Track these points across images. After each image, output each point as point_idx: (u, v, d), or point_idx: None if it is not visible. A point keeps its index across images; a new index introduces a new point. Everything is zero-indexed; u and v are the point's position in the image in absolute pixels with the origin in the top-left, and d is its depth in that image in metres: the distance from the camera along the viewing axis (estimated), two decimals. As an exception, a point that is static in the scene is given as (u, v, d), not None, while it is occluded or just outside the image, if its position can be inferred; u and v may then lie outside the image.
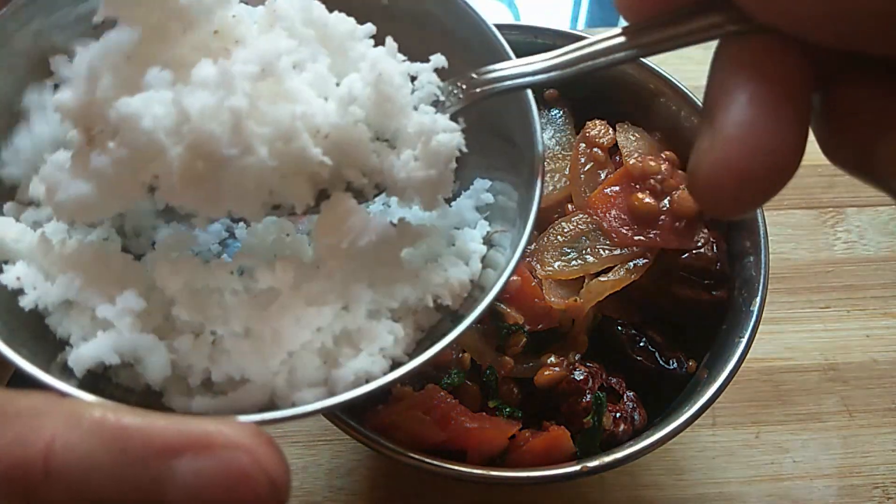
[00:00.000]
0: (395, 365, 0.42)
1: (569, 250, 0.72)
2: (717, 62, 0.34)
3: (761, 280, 0.69)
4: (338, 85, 0.41)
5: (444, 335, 0.41)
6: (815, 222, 0.98)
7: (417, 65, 0.43)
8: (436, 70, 0.43)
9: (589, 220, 0.73)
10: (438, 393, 0.67)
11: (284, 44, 0.40)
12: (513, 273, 0.42)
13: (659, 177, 0.72)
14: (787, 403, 0.86)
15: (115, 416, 0.32)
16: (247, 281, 0.42)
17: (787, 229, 0.97)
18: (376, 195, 0.44)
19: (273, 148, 0.38)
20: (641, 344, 0.71)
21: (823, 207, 0.99)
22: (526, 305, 0.70)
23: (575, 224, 0.73)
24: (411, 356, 0.42)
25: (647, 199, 0.71)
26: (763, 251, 0.70)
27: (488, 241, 0.48)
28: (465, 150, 0.42)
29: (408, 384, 0.68)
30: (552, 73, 0.40)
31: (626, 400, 0.70)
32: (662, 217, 0.71)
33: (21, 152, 0.45)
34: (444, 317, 0.45)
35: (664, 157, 0.75)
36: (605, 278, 0.70)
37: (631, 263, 0.71)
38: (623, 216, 0.72)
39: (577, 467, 0.62)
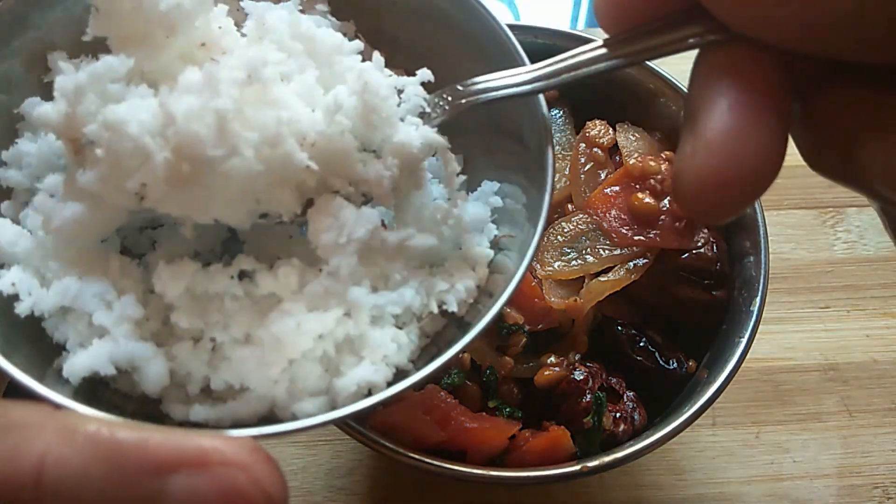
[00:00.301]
0: (399, 373, 0.41)
1: (569, 250, 0.72)
2: (697, 71, 0.35)
3: (761, 280, 0.69)
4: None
5: (450, 342, 0.40)
6: (815, 222, 0.98)
7: (404, 78, 0.43)
8: (422, 83, 0.44)
9: (589, 220, 0.73)
10: (438, 393, 0.67)
11: (272, 54, 0.40)
12: (522, 279, 0.41)
13: (659, 177, 0.72)
14: (787, 403, 0.86)
15: (110, 430, 0.31)
16: (248, 286, 0.42)
17: (787, 229, 0.97)
18: (363, 204, 0.44)
19: (259, 152, 0.38)
20: (641, 344, 0.71)
21: (823, 207, 0.99)
22: (526, 305, 0.70)
23: (575, 224, 0.73)
24: (415, 363, 0.42)
25: (647, 199, 0.71)
26: (763, 251, 0.70)
27: (496, 245, 0.47)
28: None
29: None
30: (536, 84, 0.41)
31: (626, 400, 0.70)
32: (662, 217, 0.71)
33: (25, 157, 0.44)
34: (449, 322, 0.45)
35: (664, 157, 0.75)
36: (605, 278, 0.70)
37: (631, 263, 0.71)
38: (623, 216, 0.72)
39: (577, 467, 0.62)
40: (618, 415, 0.68)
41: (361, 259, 0.41)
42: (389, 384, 0.40)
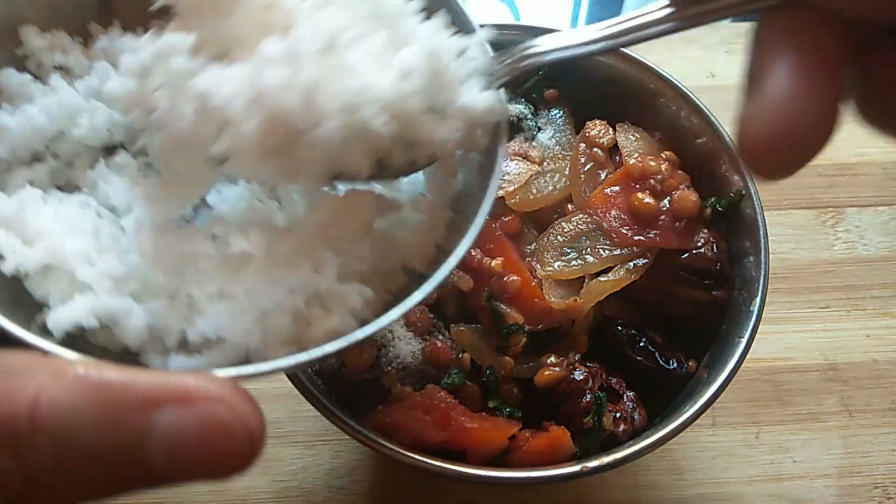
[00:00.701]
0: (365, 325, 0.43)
1: (569, 250, 0.72)
2: (759, 33, 0.36)
3: (761, 280, 0.69)
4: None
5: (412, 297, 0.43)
6: (815, 222, 0.98)
7: (466, 39, 0.45)
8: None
9: (589, 220, 0.73)
10: (438, 393, 0.67)
11: (343, 19, 0.42)
12: (475, 238, 0.44)
13: (659, 177, 0.72)
14: (787, 403, 0.86)
15: (98, 371, 0.33)
16: (220, 246, 0.44)
17: (787, 229, 0.97)
18: (428, 164, 0.46)
19: (339, 120, 0.40)
20: (641, 344, 0.71)
21: (823, 207, 0.99)
22: (526, 305, 0.70)
23: (575, 224, 0.73)
24: (379, 317, 0.44)
25: (647, 199, 0.71)
26: (763, 251, 0.70)
27: (454, 209, 0.49)
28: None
29: (408, 384, 0.68)
30: (598, 45, 0.42)
31: (626, 400, 0.69)
32: (662, 217, 0.71)
33: (5, 131, 0.46)
34: (411, 280, 0.47)
35: (664, 157, 0.75)
36: (605, 278, 0.70)
37: (631, 263, 0.71)
38: (623, 216, 0.72)
39: (577, 467, 0.62)
40: (618, 415, 0.68)
41: (336, 228, 0.44)
42: None
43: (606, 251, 0.71)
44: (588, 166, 0.76)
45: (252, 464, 0.34)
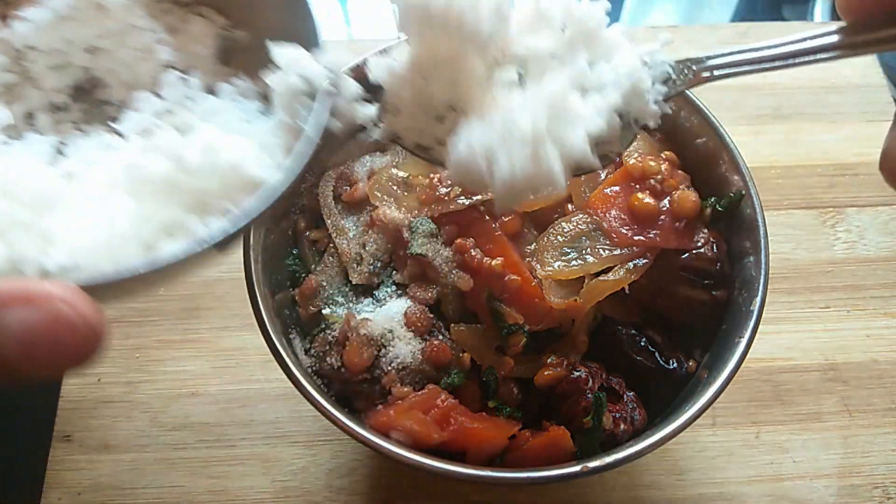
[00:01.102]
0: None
1: (569, 250, 0.72)
2: None
3: (761, 280, 0.69)
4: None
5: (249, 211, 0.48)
6: (815, 222, 0.98)
7: (650, 46, 0.49)
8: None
9: (589, 220, 0.73)
10: (438, 393, 0.67)
11: (547, 42, 0.48)
12: (295, 181, 0.48)
13: (659, 177, 0.72)
14: (787, 403, 0.86)
15: None
16: (75, 183, 0.48)
17: (787, 229, 0.97)
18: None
19: (558, 156, 0.47)
20: (641, 344, 0.71)
21: (823, 207, 0.99)
22: (526, 305, 0.70)
23: (575, 224, 0.73)
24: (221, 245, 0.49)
25: (646, 199, 0.71)
26: (763, 251, 0.70)
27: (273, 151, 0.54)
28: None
29: (408, 384, 0.68)
30: (771, 64, 0.44)
31: (626, 400, 0.70)
32: (662, 217, 0.71)
33: None
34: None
35: (664, 157, 0.75)
36: (605, 278, 0.70)
37: (631, 263, 0.71)
38: (623, 216, 0.72)
39: (578, 467, 0.62)
40: (618, 415, 0.68)
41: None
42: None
43: (606, 251, 0.71)
44: (588, 166, 0.76)
45: (97, 354, 0.37)
